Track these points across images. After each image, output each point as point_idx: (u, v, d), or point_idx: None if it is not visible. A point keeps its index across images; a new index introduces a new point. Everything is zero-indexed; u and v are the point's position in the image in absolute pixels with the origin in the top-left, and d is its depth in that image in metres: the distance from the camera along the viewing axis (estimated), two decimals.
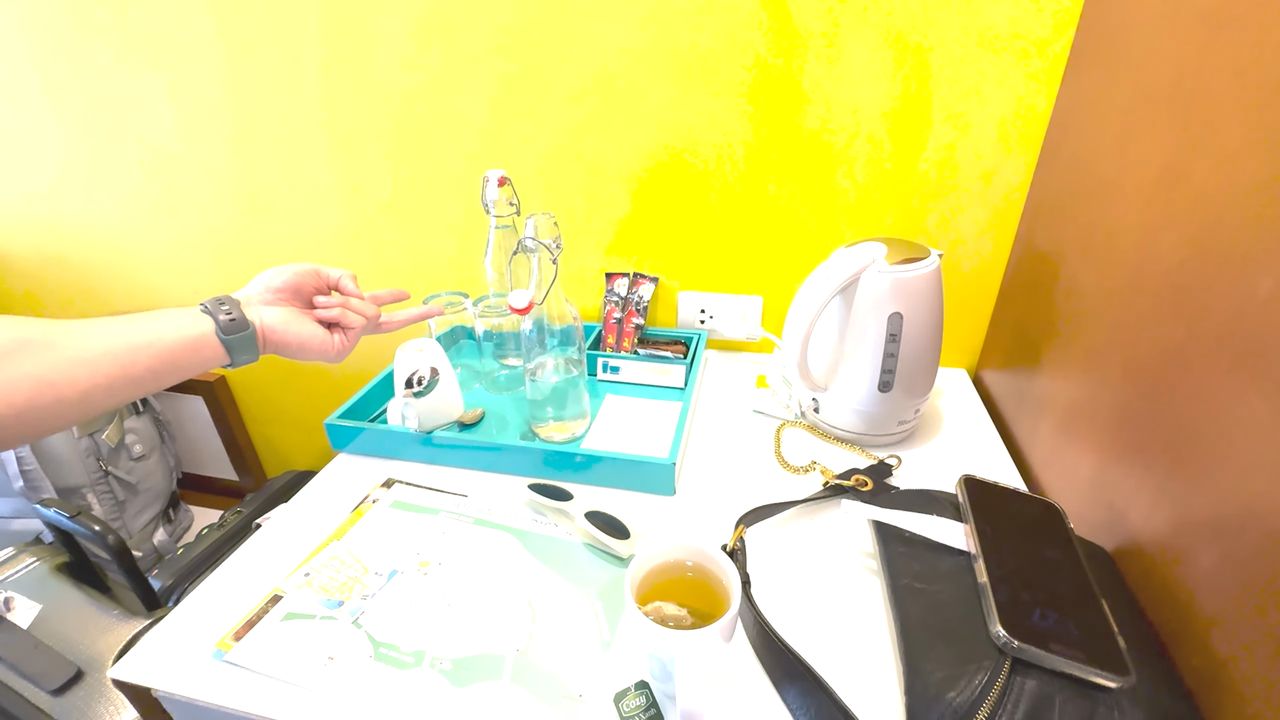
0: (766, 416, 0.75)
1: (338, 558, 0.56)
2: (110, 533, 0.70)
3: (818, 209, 0.79)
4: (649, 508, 0.61)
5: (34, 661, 0.62)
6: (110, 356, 0.43)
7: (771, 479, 0.65)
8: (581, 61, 0.76)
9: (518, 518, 0.61)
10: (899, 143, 0.73)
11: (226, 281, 1.08)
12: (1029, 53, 0.66)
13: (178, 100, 0.92)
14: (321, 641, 0.48)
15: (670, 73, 0.75)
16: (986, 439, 0.71)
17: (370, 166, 0.90)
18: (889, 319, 0.61)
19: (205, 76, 0.89)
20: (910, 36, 0.68)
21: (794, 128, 0.75)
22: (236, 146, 0.94)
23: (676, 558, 0.44)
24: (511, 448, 0.66)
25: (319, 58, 0.84)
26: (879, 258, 0.61)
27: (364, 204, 0.93)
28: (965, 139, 0.72)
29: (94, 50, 0.91)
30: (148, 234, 1.07)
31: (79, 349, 0.42)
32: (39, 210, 1.09)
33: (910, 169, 0.74)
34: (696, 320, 0.89)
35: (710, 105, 0.75)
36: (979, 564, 0.44)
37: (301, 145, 0.91)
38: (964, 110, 0.70)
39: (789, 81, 0.72)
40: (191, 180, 0.99)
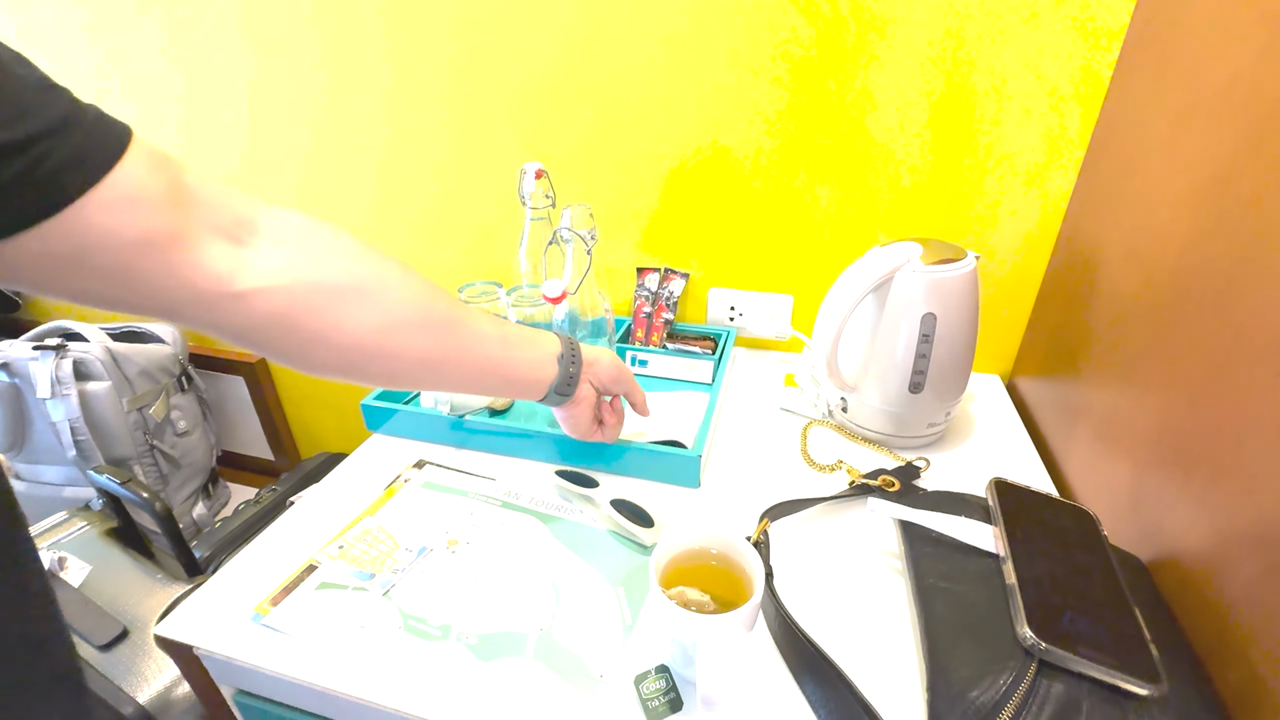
0: (794, 414, 0.75)
1: (370, 532, 0.58)
2: (157, 499, 0.73)
3: (853, 209, 0.79)
4: (674, 499, 0.62)
5: (84, 618, 0.65)
6: (483, 360, 0.48)
7: (797, 476, 0.65)
8: (617, 54, 0.77)
9: (544, 503, 0.62)
10: (940, 141, 0.73)
11: None
12: (1078, 53, 0.65)
13: (209, 96, 0.96)
14: (353, 611, 0.50)
15: (706, 65, 0.75)
16: (1018, 445, 0.70)
17: (408, 157, 0.92)
18: (922, 319, 0.61)
19: (235, 76, 0.92)
20: (956, 33, 0.67)
21: (832, 125, 0.75)
22: (277, 139, 0.97)
23: (702, 545, 0.44)
24: (539, 434, 0.67)
25: (374, 53, 0.86)
26: (914, 257, 0.61)
27: (399, 193, 0.96)
28: (1009, 140, 0.70)
29: (147, 53, 0.95)
30: None
31: (472, 343, 0.47)
32: None
33: (951, 169, 0.74)
34: (726, 317, 0.89)
35: (744, 99, 0.76)
36: (1007, 565, 0.44)
37: (342, 136, 0.94)
38: (1009, 111, 0.69)
39: (827, 76, 0.72)
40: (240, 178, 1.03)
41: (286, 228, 0.38)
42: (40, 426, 1.08)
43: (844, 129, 0.74)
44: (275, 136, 0.98)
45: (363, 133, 0.93)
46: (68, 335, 1.11)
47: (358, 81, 0.89)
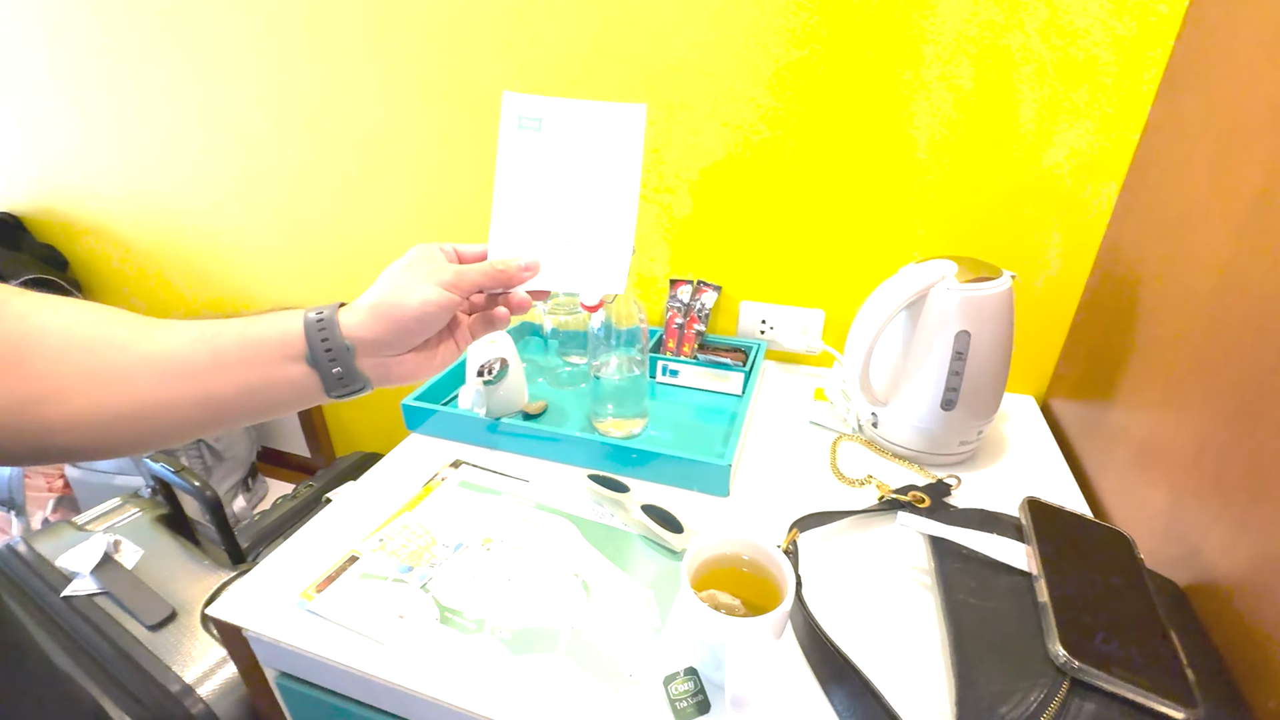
0: (823, 429, 0.76)
1: (409, 527, 0.60)
2: (208, 488, 0.77)
3: (887, 226, 0.79)
4: (703, 506, 0.63)
5: (136, 599, 0.69)
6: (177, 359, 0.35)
7: (826, 489, 0.66)
8: (644, 68, 0.79)
9: (576, 505, 0.63)
10: (976, 160, 0.73)
11: (329, 275, 1.16)
12: (1120, 72, 0.65)
13: (276, 99, 1.01)
14: (393, 601, 0.52)
15: (737, 75, 0.77)
16: (1052, 466, 0.69)
17: (446, 165, 0.95)
18: (956, 337, 0.61)
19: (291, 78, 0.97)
20: (996, 53, 0.68)
21: (867, 140, 0.76)
22: (336, 143, 1.02)
23: (734, 550, 0.45)
24: (572, 439, 0.68)
25: (417, 57, 0.90)
26: (949, 275, 0.61)
27: (436, 199, 0.99)
28: (1048, 159, 0.71)
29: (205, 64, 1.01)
30: (245, 225, 1.16)
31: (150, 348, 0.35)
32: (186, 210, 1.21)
33: (987, 187, 0.74)
34: (757, 330, 0.90)
35: (778, 112, 0.77)
36: (1040, 583, 0.44)
37: (382, 137, 0.98)
38: (1048, 130, 0.69)
39: (863, 94, 0.73)
40: (294, 180, 1.08)
41: None
42: None
43: (878, 146, 0.75)
44: (322, 146, 1.02)
45: (403, 138, 0.96)
46: None
47: (400, 87, 0.93)
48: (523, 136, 0.45)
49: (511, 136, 0.45)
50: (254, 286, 1.24)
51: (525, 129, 0.45)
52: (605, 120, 0.45)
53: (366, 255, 1.10)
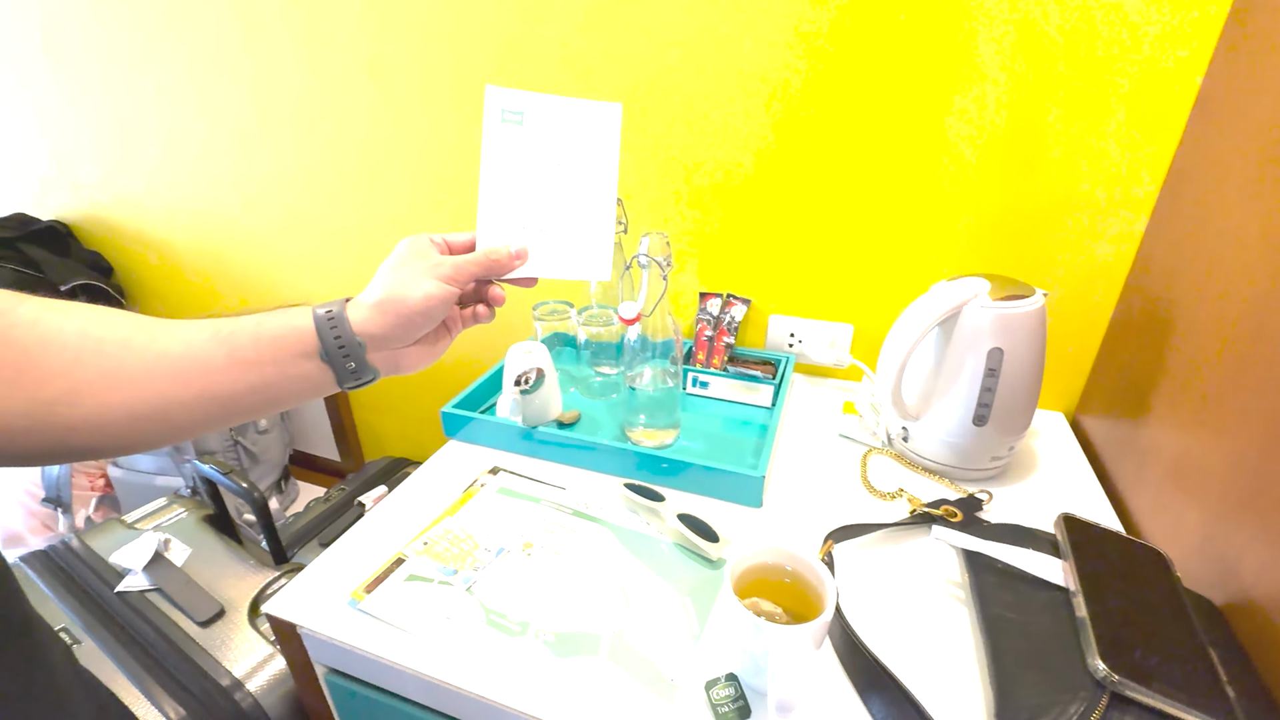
0: (853, 442, 0.77)
1: (451, 531, 0.62)
2: (255, 489, 0.79)
3: (916, 241, 0.80)
4: (736, 516, 0.64)
5: (187, 596, 0.71)
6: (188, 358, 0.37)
7: (857, 502, 0.67)
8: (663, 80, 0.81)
9: (612, 513, 0.65)
10: (1007, 177, 0.74)
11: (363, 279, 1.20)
12: (1154, 96, 0.66)
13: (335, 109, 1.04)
14: (440, 603, 0.54)
15: (764, 90, 0.79)
16: (1084, 483, 0.70)
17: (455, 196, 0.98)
18: (989, 354, 0.62)
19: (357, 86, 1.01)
20: (1029, 70, 0.69)
21: (898, 157, 0.77)
22: (372, 152, 1.05)
23: (777, 561, 0.46)
24: (606, 448, 0.70)
25: (457, 65, 0.93)
26: (982, 293, 0.63)
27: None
28: (1079, 177, 0.71)
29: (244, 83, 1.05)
30: (291, 235, 1.20)
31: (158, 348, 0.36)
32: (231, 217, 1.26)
33: (1017, 205, 0.75)
34: (785, 343, 0.91)
35: (808, 129, 0.79)
36: (1078, 599, 0.44)
37: (423, 148, 1.01)
38: (1080, 148, 0.70)
39: (893, 109, 0.75)
40: (337, 186, 1.11)
41: None
42: None
43: (910, 164, 0.77)
44: (379, 160, 1.06)
45: (441, 149, 0.99)
46: None
47: (432, 93, 0.96)
48: (506, 130, 0.47)
49: (495, 130, 0.47)
50: (286, 286, 1.28)
51: (508, 122, 0.47)
52: (583, 116, 0.48)
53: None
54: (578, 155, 0.48)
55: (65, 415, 0.33)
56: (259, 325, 0.39)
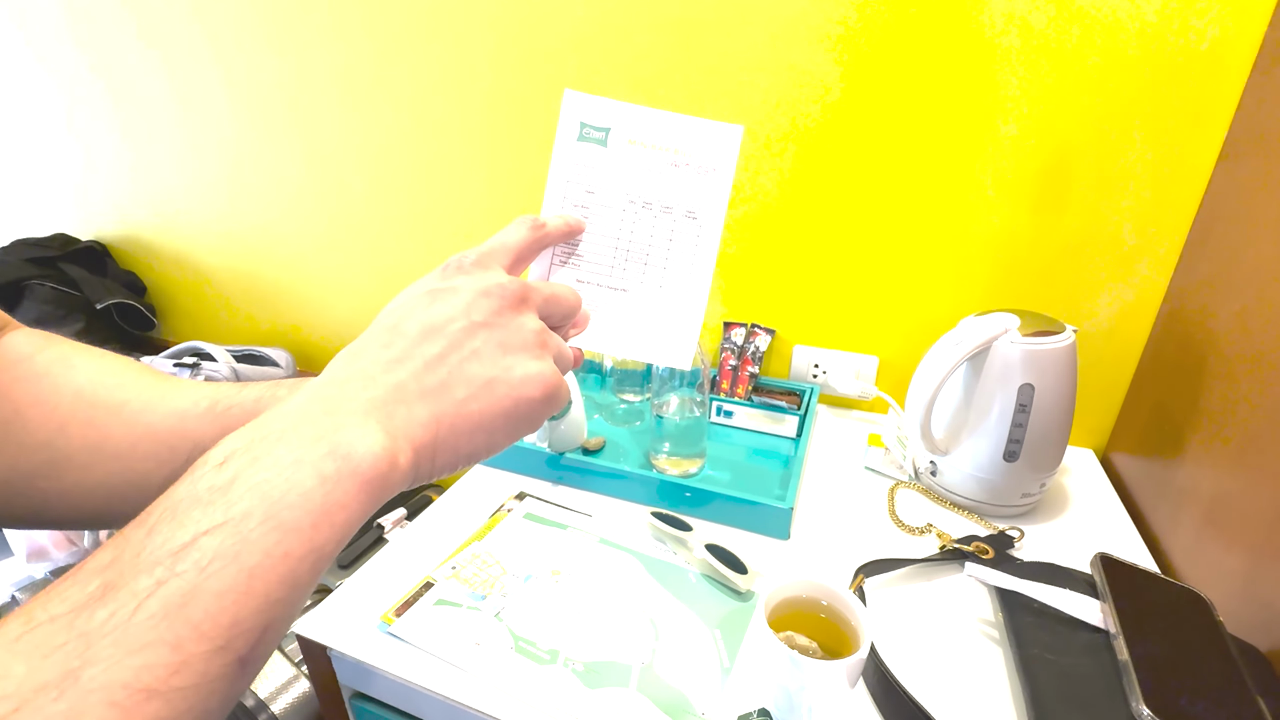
0: (879, 475, 0.76)
1: (479, 556, 0.62)
2: None
3: (942, 273, 0.81)
4: (763, 548, 0.64)
5: None
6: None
7: (885, 536, 0.66)
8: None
9: (639, 542, 0.65)
10: (1035, 212, 0.75)
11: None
12: (1183, 127, 0.67)
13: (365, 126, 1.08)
14: (469, 628, 0.54)
15: (794, 111, 0.80)
16: (1117, 522, 0.69)
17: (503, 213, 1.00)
18: (1019, 389, 0.62)
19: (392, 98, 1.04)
20: (1056, 102, 0.70)
21: (925, 190, 0.78)
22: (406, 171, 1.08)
23: (812, 594, 0.46)
24: (633, 475, 0.70)
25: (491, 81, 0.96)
26: (1011, 328, 0.63)
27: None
28: (1107, 213, 0.72)
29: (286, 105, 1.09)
30: (321, 253, 1.23)
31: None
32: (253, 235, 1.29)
33: (1044, 240, 0.75)
34: (809, 374, 0.92)
35: (834, 160, 0.80)
36: (1119, 641, 0.44)
37: (474, 163, 1.03)
38: (1108, 186, 0.71)
39: (920, 142, 0.76)
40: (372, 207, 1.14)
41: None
42: None
43: (938, 197, 0.78)
44: (394, 171, 1.09)
45: (495, 169, 1.02)
46: (200, 354, 1.23)
47: (489, 103, 0.99)
48: (583, 151, 0.38)
49: (569, 149, 0.38)
50: (318, 305, 1.31)
51: (588, 141, 0.38)
52: (692, 140, 0.37)
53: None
54: (676, 193, 0.37)
55: (43, 489, 0.32)
56: (257, 404, 0.35)
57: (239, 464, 0.22)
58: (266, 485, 0.21)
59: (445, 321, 0.27)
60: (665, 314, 0.38)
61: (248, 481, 0.21)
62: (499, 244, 0.32)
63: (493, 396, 0.27)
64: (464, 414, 0.26)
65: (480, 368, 0.27)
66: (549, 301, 0.32)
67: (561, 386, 0.29)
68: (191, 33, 1.11)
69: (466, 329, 0.27)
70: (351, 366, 0.26)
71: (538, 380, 0.28)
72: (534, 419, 0.28)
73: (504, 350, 0.28)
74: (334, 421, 0.24)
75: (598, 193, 0.38)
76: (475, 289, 0.28)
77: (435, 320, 0.27)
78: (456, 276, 0.29)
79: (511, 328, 0.28)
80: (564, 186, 0.38)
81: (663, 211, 0.38)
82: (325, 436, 0.23)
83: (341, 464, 0.23)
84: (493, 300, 0.28)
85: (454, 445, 0.26)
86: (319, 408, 0.24)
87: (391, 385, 0.25)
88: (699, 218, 0.38)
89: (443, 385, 0.26)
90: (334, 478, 0.22)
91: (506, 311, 0.29)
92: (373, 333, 0.28)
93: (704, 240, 0.38)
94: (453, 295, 0.28)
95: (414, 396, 0.26)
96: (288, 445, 0.22)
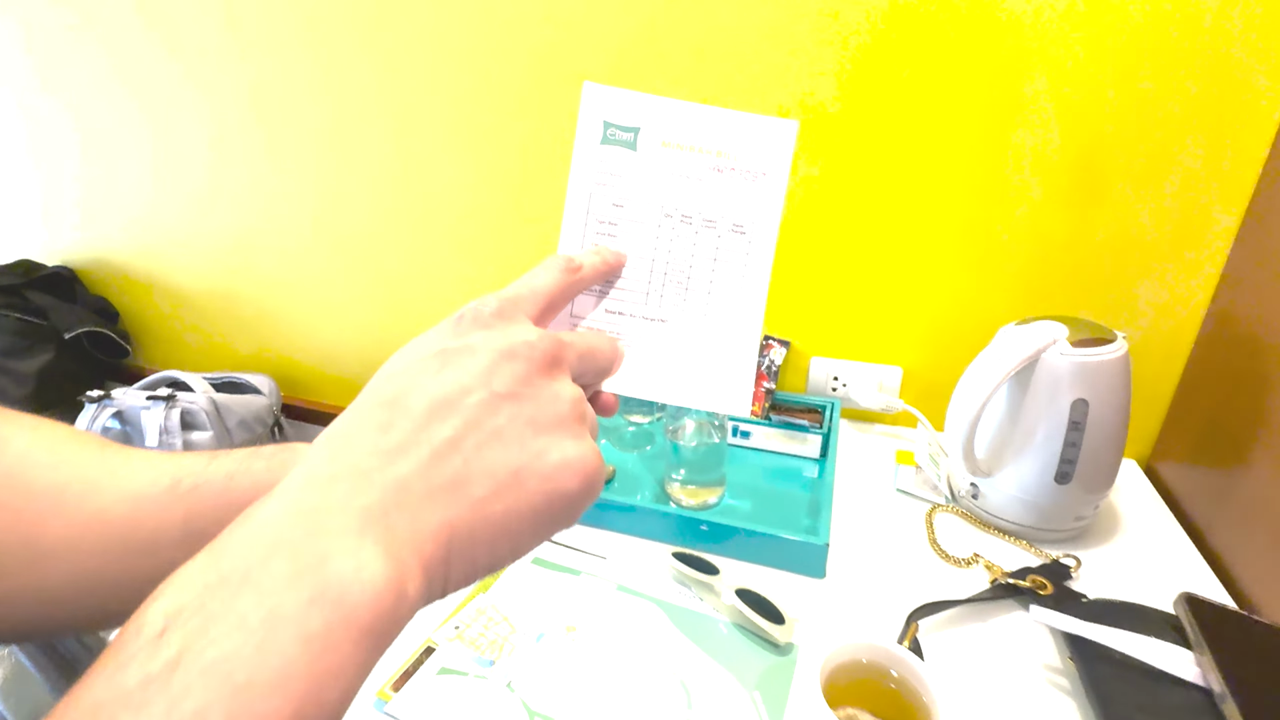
0: (913, 497, 0.71)
1: (484, 613, 0.56)
2: None
3: (972, 277, 0.76)
4: (796, 588, 0.58)
5: None
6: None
7: (928, 569, 0.61)
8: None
9: (660, 587, 0.59)
10: (1069, 206, 0.70)
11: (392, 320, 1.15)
12: (1228, 127, 0.62)
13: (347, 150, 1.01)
14: (478, 702, 0.48)
15: (811, 107, 0.75)
16: (1173, 541, 0.63)
17: (511, 239, 0.94)
18: (1072, 405, 0.57)
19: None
20: (1098, 96, 0.65)
21: (951, 186, 0.73)
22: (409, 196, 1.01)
23: (878, 661, 0.40)
24: (648, 510, 0.64)
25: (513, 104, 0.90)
26: (1060, 338, 0.57)
27: (500, 263, 0.98)
28: (1148, 205, 0.67)
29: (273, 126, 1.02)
30: (315, 276, 1.17)
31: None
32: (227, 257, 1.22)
33: (1082, 241, 0.70)
34: (828, 388, 0.86)
35: (851, 154, 0.75)
36: (1228, 705, 0.38)
37: (480, 173, 0.97)
38: (1151, 185, 0.66)
39: (944, 135, 0.71)
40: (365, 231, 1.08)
41: None
42: None
43: (966, 193, 0.72)
44: (389, 191, 1.02)
45: (507, 177, 0.96)
46: (176, 384, 1.16)
47: (498, 99, 0.92)
48: (609, 155, 0.32)
49: (592, 154, 0.32)
50: (303, 329, 1.24)
51: (614, 144, 0.32)
52: (738, 140, 0.32)
53: (429, 317, 1.09)
54: (719, 203, 0.32)
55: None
56: (229, 482, 0.29)
57: (186, 631, 0.15)
58: (227, 665, 0.15)
59: (460, 393, 0.21)
60: (713, 348, 0.32)
61: (199, 660, 0.15)
62: (526, 289, 0.26)
63: (521, 492, 0.21)
64: (484, 516, 0.20)
65: (504, 454, 0.21)
66: (584, 358, 0.26)
67: (603, 472, 0.23)
68: (151, 40, 1.04)
69: (487, 402, 0.21)
70: (340, 459, 0.20)
71: (577, 466, 0.22)
72: (571, 515, 0.22)
73: (535, 429, 0.21)
74: (318, 547, 0.17)
75: (627, 206, 0.32)
76: (497, 349, 0.22)
77: (447, 391, 0.21)
78: (474, 332, 0.23)
79: (544, 398, 0.22)
80: (586, 200, 0.32)
81: (705, 226, 0.32)
82: (308, 573, 0.17)
83: (332, 612, 0.16)
84: (519, 364, 0.22)
85: (471, 557, 0.20)
86: (297, 527, 0.18)
87: (392, 485, 0.19)
88: (747, 232, 0.32)
89: (457, 480, 0.20)
90: (323, 633, 0.16)
91: (536, 378, 0.22)
92: (367, 407, 0.21)
93: (754, 258, 0.32)
94: (469, 357, 0.22)
95: (420, 498, 0.19)
96: (257, 592, 0.16)
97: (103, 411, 1.09)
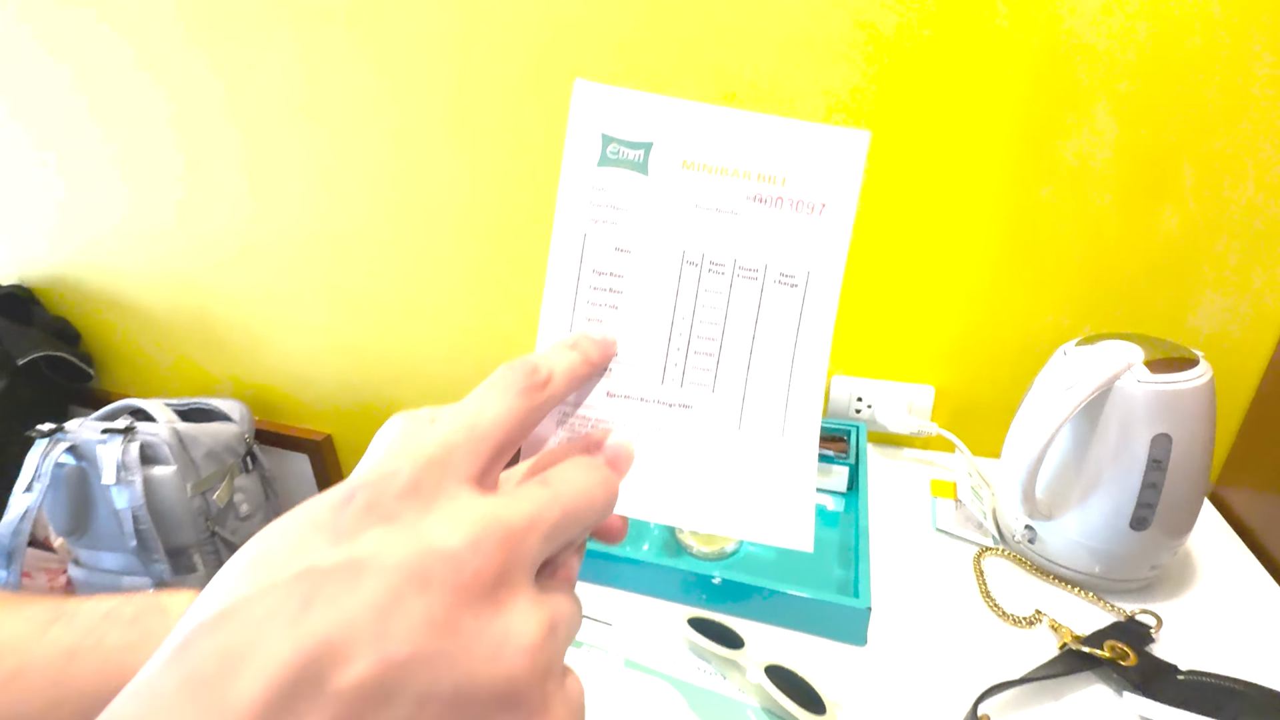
0: (956, 538, 0.63)
1: None
2: None
3: (1013, 286, 0.67)
4: (833, 657, 0.50)
5: None
6: None
7: (985, 630, 0.52)
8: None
9: (674, 662, 0.51)
10: (1125, 210, 0.61)
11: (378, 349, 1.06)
12: None
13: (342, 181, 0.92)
14: None
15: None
16: (1255, 582, 0.56)
17: (499, 258, 0.86)
18: (1153, 441, 0.49)
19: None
20: (1156, 102, 0.57)
21: (985, 188, 0.64)
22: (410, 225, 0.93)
23: None
24: (651, 565, 0.56)
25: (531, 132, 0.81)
26: (1135, 363, 0.49)
27: (487, 282, 0.89)
28: (1215, 207, 0.59)
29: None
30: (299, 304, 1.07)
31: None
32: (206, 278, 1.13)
33: (1139, 242, 0.62)
34: (851, 409, 0.78)
35: (876, 155, 0.66)
36: None
37: (469, 188, 0.88)
38: (1217, 175, 0.58)
39: (978, 129, 0.63)
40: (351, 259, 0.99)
41: None
42: (103, 512, 1.02)
43: (1003, 195, 0.64)
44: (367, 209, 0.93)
45: (501, 193, 0.87)
46: (136, 413, 1.07)
47: (482, 109, 0.84)
48: (610, 181, 0.23)
49: (585, 179, 0.23)
50: (278, 355, 1.15)
51: (617, 164, 0.23)
52: (789, 159, 0.23)
53: (411, 334, 1.00)
54: (762, 244, 0.23)
55: None
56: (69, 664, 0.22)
57: None
58: None
59: (327, 662, 0.12)
60: (755, 448, 0.23)
61: None
62: (462, 431, 0.16)
63: None
64: None
65: None
66: (561, 526, 0.16)
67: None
68: (117, 47, 0.94)
69: (374, 680, 0.12)
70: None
71: None
72: None
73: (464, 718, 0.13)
74: None
75: (635, 251, 0.23)
76: (400, 567, 0.13)
77: (304, 661, 0.12)
78: (365, 531, 0.14)
79: (478, 654, 0.13)
80: (579, 245, 0.23)
81: (743, 276, 0.23)
82: None
83: None
84: (434, 597, 0.13)
85: None
86: None
87: None
88: (800, 283, 0.24)
89: None
90: None
91: (464, 619, 0.13)
92: (172, 678, 0.12)
93: (811, 320, 0.24)
94: (349, 588, 0.13)
95: None
96: None
97: (55, 447, 0.99)
